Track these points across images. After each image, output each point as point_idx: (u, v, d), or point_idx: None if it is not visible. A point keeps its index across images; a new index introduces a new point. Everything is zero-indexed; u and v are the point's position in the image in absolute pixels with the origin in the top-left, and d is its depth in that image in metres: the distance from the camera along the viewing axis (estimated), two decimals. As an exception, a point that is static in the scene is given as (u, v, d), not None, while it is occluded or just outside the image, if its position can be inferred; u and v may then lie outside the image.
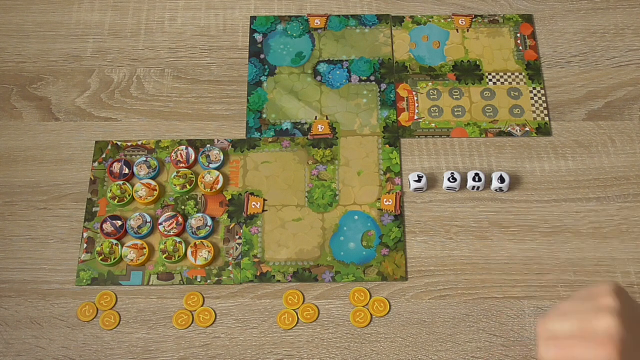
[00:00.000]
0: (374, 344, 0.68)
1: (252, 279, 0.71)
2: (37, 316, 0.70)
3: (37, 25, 0.86)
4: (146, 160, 0.76)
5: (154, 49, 0.85)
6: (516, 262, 0.72)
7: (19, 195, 0.76)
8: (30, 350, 0.68)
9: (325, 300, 0.70)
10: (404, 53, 0.84)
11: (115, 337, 0.69)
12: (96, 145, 0.78)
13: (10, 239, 0.73)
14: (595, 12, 0.87)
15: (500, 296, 0.70)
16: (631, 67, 0.83)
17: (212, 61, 0.84)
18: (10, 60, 0.84)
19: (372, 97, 0.81)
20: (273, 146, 0.78)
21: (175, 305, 0.70)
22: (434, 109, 0.80)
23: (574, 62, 0.83)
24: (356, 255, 0.72)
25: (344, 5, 0.88)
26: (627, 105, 0.80)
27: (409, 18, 0.86)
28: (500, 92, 0.81)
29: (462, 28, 0.85)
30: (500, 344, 0.68)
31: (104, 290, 0.71)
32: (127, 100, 0.81)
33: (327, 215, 0.74)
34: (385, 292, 0.71)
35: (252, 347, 0.68)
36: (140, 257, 0.71)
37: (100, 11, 0.87)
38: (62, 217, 0.74)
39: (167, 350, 0.68)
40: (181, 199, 0.75)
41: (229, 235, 0.73)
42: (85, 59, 0.84)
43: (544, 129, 0.79)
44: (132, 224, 0.73)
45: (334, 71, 0.83)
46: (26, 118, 0.80)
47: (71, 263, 0.72)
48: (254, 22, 0.86)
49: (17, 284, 0.71)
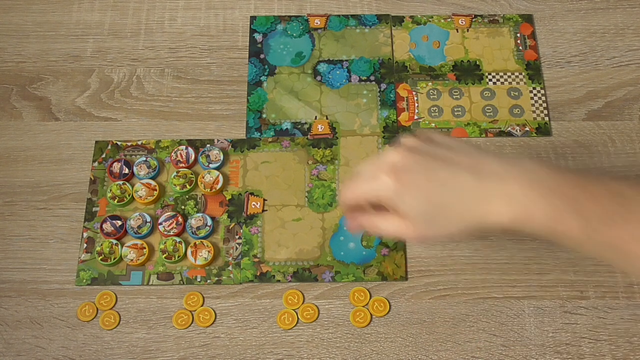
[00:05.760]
0: (374, 344, 0.68)
1: (252, 279, 0.71)
2: (37, 316, 0.70)
3: (37, 25, 0.86)
4: (146, 160, 0.76)
5: (154, 49, 0.85)
6: (516, 262, 0.72)
7: (19, 195, 0.76)
8: (30, 350, 0.68)
9: (325, 300, 0.70)
10: (404, 53, 0.84)
11: (115, 337, 0.69)
12: (96, 145, 0.78)
13: (10, 239, 0.74)
14: (595, 12, 0.87)
15: (500, 296, 0.70)
16: (631, 67, 0.83)
17: (212, 61, 0.84)
18: (10, 60, 0.84)
19: (372, 97, 0.81)
20: (273, 146, 0.78)
21: (175, 305, 0.70)
22: (434, 109, 0.80)
23: (574, 62, 0.83)
24: (356, 255, 0.72)
25: (344, 5, 0.88)
26: (627, 105, 0.80)
27: (409, 18, 0.86)
28: (500, 92, 0.81)
29: (462, 28, 0.86)
30: (500, 344, 0.68)
31: (104, 290, 0.71)
32: (127, 100, 0.81)
33: (327, 215, 0.74)
34: (385, 292, 0.71)
35: (252, 347, 0.68)
36: (140, 257, 0.71)
37: (100, 11, 0.87)
38: (62, 217, 0.74)
39: (167, 350, 0.68)
40: (181, 199, 0.75)
41: (229, 235, 0.73)
42: (85, 59, 0.84)
43: (544, 129, 0.79)
44: (132, 224, 0.73)
45: (334, 71, 0.83)
46: (26, 118, 0.80)
47: (71, 263, 0.72)
48: (254, 22, 0.86)
49: (17, 284, 0.71)
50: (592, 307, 0.70)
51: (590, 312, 0.69)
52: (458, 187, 0.51)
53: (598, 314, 0.69)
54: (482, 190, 0.50)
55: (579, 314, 0.69)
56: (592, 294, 0.70)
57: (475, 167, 0.51)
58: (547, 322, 0.69)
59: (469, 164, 0.51)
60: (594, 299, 0.70)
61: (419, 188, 0.51)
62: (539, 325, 0.69)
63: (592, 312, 0.69)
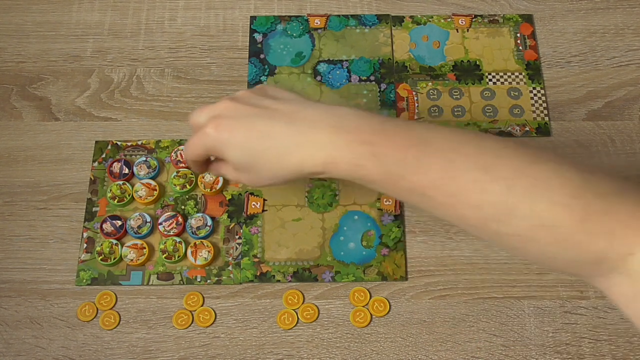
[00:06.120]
0: (374, 344, 0.68)
1: (252, 279, 0.71)
2: (37, 316, 0.70)
3: (37, 25, 0.86)
4: (146, 160, 0.76)
5: (154, 49, 0.85)
6: (516, 262, 0.72)
7: (19, 195, 0.76)
8: (30, 350, 0.68)
9: (325, 300, 0.70)
10: (404, 53, 0.84)
11: (115, 337, 0.69)
12: (96, 145, 0.78)
13: (10, 239, 0.74)
14: (595, 12, 0.87)
15: (500, 296, 0.70)
16: (631, 67, 0.83)
17: (212, 61, 0.84)
18: (10, 60, 0.84)
19: (372, 97, 0.81)
20: (273, 146, 0.78)
21: (175, 305, 0.70)
22: (434, 109, 0.80)
23: (574, 62, 0.83)
24: (356, 255, 0.72)
25: (344, 5, 0.88)
26: (627, 105, 0.80)
27: (409, 18, 0.86)
28: (500, 92, 0.81)
29: (462, 28, 0.86)
30: (500, 344, 0.68)
31: (104, 290, 0.71)
32: (127, 100, 0.81)
33: (327, 215, 0.74)
34: (385, 292, 0.71)
35: (252, 347, 0.68)
36: (140, 257, 0.71)
37: (100, 11, 0.87)
38: (62, 217, 0.74)
39: (167, 350, 0.68)
40: (181, 199, 0.75)
41: (229, 235, 0.73)
42: (85, 59, 0.84)
43: (544, 129, 0.79)
44: (132, 224, 0.73)
45: (334, 71, 0.83)
46: (26, 118, 0.80)
47: (71, 263, 0.72)
48: (254, 22, 0.86)
49: (17, 284, 0.71)
50: (592, 307, 0.70)
51: (590, 312, 0.69)
52: (273, 136, 0.52)
53: (598, 314, 0.69)
54: (295, 138, 0.52)
55: (579, 314, 0.69)
56: (592, 294, 0.70)
57: (292, 115, 0.53)
58: (547, 322, 0.69)
59: (286, 113, 0.53)
60: (594, 299, 0.70)
61: (238, 138, 0.53)
62: (539, 325, 0.69)
63: (592, 312, 0.69)
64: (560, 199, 0.46)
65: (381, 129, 0.51)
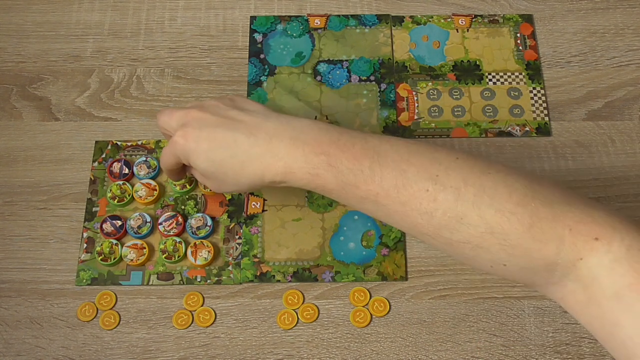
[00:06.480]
0: (374, 344, 0.68)
1: (252, 279, 0.71)
2: (37, 316, 0.70)
3: (37, 25, 0.86)
4: (146, 160, 0.76)
5: (154, 49, 0.85)
6: (516, 262, 0.72)
7: (19, 195, 0.76)
8: (30, 350, 0.68)
9: (325, 300, 0.70)
10: (404, 53, 0.84)
11: (115, 337, 0.69)
12: (96, 145, 0.78)
13: (10, 239, 0.74)
14: (595, 12, 0.87)
15: (500, 296, 0.70)
16: (631, 67, 0.83)
17: (212, 61, 0.84)
18: (10, 60, 0.84)
19: (372, 97, 0.81)
20: (273, 146, 0.78)
21: (175, 305, 0.70)
22: (434, 109, 0.80)
23: (574, 62, 0.83)
24: (356, 255, 0.72)
25: (344, 5, 0.88)
26: (627, 105, 0.80)
27: (409, 18, 0.86)
28: (500, 92, 0.81)
29: (462, 28, 0.86)
30: (500, 344, 0.68)
31: (104, 290, 0.71)
32: (127, 100, 0.81)
33: (327, 215, 0.74)
34: (385, 292, 0.71)
35: (252, 347, 0.68)
36: (140, 257, 0.71)
37: (100, 11, 0.87)
38: (62, 217, 0.74)
39: (167, 350, 0.68)
40: (181, 199, 0.75)
41: (229, 235, 0.73)
42: (85, 59, 0.84)
43: (544, 129, 0.79)
44: (132, 224, 0.73)
45: (334, 71, 0.83)
46: (26, 118, 0.80)
47: (71, 263, 0.72)
48: (254, 22, 0.86)
49: (17, 284, 0.71)
50: (592, 307, 0.70)
51: (590, 312, 0.69)
52: (234, 146, 0.55)
53: (598, 314, 0.69)
54: (255, 149, 0.55)
55: (579, 314, 0.69)
56: (592, 294, 0.70)
57: (254, 127, 0.56)
58: (547, 322, 0.69)
59: (249, 124, 0.56)
60: (594, 299, 0.70)
61: (203, 147, 0.56)
62: (539, 325, 0.69)
63: (592, 312, 0.69)
64: (507, 207, 0.48)
65: (338, 140, 0.54)
